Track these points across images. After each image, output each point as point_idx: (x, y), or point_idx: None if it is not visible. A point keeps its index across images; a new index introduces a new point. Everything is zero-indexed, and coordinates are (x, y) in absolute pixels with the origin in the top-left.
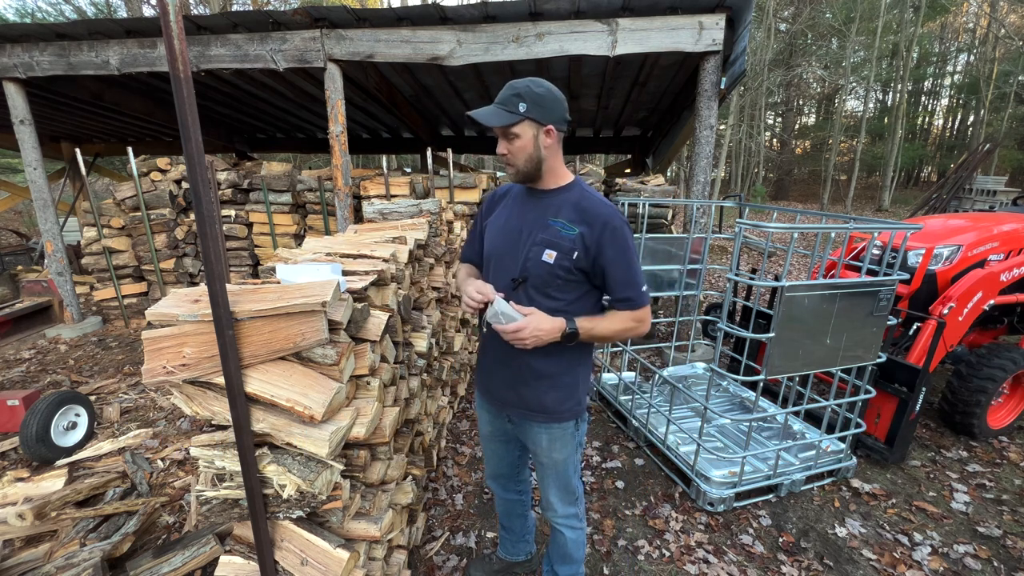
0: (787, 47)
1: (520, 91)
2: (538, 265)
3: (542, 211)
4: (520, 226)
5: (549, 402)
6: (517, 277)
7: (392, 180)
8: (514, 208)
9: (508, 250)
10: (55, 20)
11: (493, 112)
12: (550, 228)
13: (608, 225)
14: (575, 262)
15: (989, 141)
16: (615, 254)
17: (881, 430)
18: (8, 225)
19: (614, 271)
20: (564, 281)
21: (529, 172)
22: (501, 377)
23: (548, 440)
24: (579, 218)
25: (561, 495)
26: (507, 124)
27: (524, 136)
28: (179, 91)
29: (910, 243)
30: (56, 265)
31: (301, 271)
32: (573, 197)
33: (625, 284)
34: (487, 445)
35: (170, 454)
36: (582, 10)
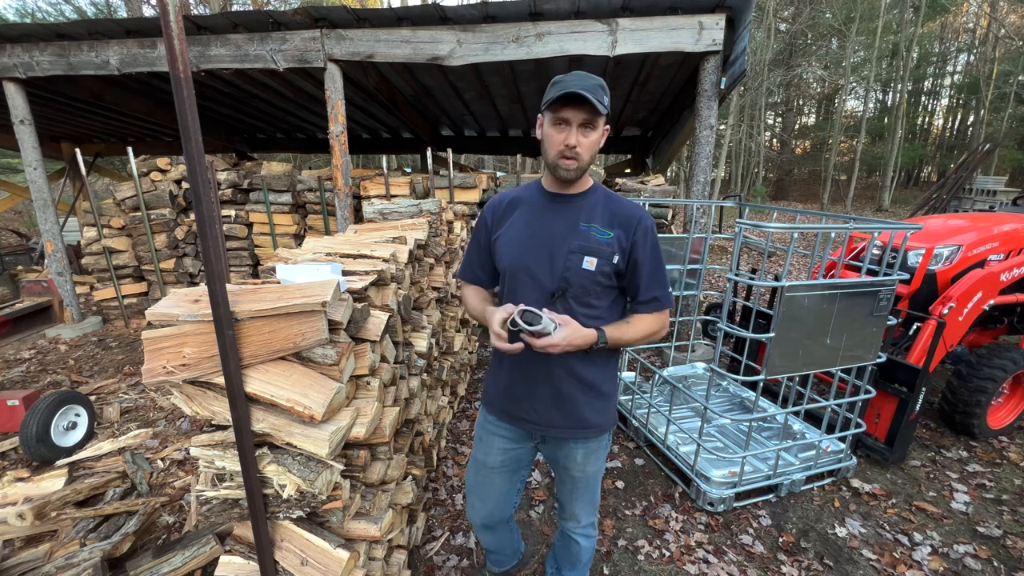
0: (787, 47)
1: (601, 84)
2: (579, 274)
3: (572, 217)
4: (550, 234)
5: (592, 415)
6: (555, 290)
7: (392, 180)
8: (534, 216)
9: (538, 261)
10: (55, 20)
11: (595, 101)
12: (584, 234)
13: (641, 225)
14: (615, 267)
15: (989, 141)
16: (647, 253)
17: (881, 430)
18: (8, 225)
19: (644, 270)
20: (603, 288)
21: (584, 170)
22: (538, 397)
23: (584, 454)
24: (612, 221)
25: (588, 508)
26: (600, 114)
27: (600, 130)
28: (179, 91)
29: (910, 243)
30: (56, 265)
31: (301, 271)
32: (600, 200)
33: (654, 284)
34: (488, 480)
35: (170, 454)
36: (582, 10)
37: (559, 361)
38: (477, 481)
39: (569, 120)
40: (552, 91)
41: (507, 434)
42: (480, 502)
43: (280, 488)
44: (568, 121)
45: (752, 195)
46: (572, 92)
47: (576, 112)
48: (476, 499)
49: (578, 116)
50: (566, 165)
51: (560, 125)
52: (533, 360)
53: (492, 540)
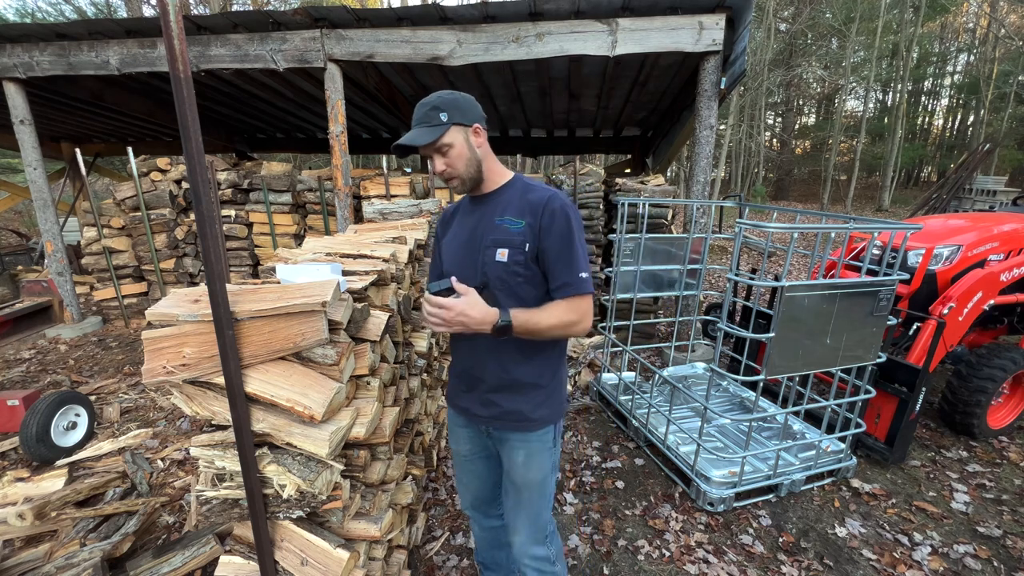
0: (787, 47)
1: (435, 103)
2: (494, 267)
3: (489, 213)
4: (471, 234)
5: (528, 409)
6: (478, 284)
7: (392, 180)
8: (463, 220)
9: (465, 261)
10: (55, 20)
11: (420, 133)
12: (498, 227)
13: (547, 207)
14: (528, 254)
15: (989, 141)
16: (555, 235)
17: (881, 430)
18: (8, 225)
19: (552, 254)
20: (524, 278)
21: (473, 176)
22: (479, 389)
23: (526, 456)
24: (523, 209)
25: (531, 528)
26: (437, 137)
27: (456, 143)
28: (179, 91)
29: (910, 243)
30: (56, 265)
31: (301, 271)
32: (516, 192)
33: (563, 267)
34: (466, 467)
35: (170, 454)
36: (582, 10)
37: (493, 355)
38: (458, 469)
39: (427, 155)
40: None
41: (465, 424)
42: (464, 488)
43: (280, 488)
44: (428, 156)
45: (752, 195)
46: (397, 147)
47: (422, 150)
48: (461, 486)
49: (430, 149)
50: (452, 186)
51: (427, 158)
52: (474, 352)
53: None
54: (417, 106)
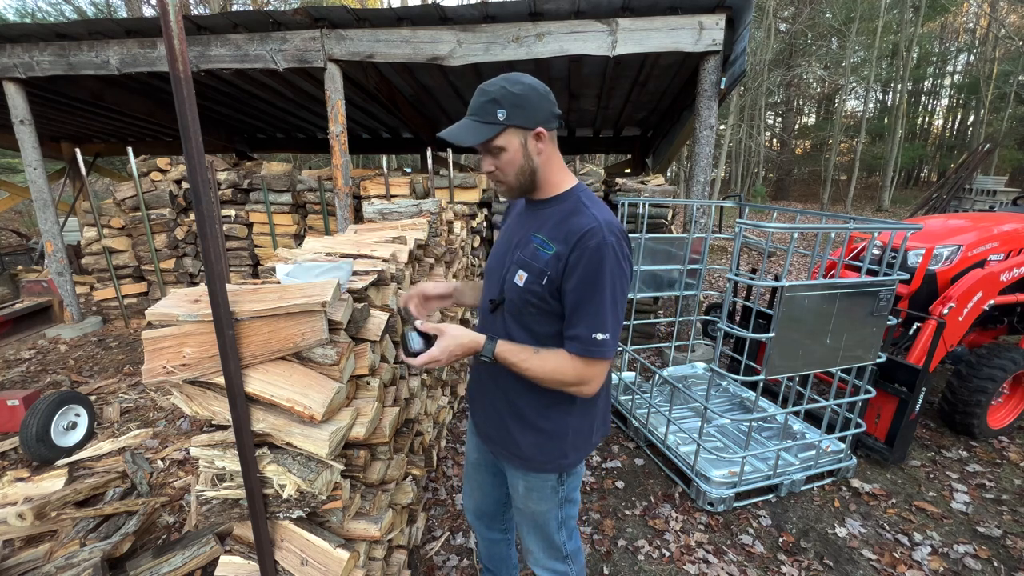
0: (787, 47)
1: (495, 95)
2: (511, 288)
3: (531, 225)
4: (508, 241)
5: (525, 446)
6: (496, 298)
7: (392, 180)
8: (511, 220)
9: (494, 267)
10: (55, 20)
11: (468, 128)
12: (530, 245)
13: (582, 242)
14: (546, 287)
15: (989, 141)
16: (579, 278)
17: (881, 430)
18: (8, 225)
19: (571, 299)
20: (539, 310)
21: (524, 186)
22: (482, 406)
23: (525, 488)
24: (560, 234)
25: (543, 547)
26: (487, 139)
27: (510, 147)
28: (179, 91)
29: (910, 243)
30: (56, 265)
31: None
32: (564, 208)
33: (579, 319)
34: (472, 476)
35: (170, 454)
36: (582, 10)
37: (491, 378)
38: (466, 472)
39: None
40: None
41: (475, 433)
42: (468, 492)
43: (280, 488)
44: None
45: (752, 195)
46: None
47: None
48: (466, 488)
49: (479, 147)
50: (498, 189)
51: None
52: (477, 369)
53: (483, 530)
54: (478, 90)
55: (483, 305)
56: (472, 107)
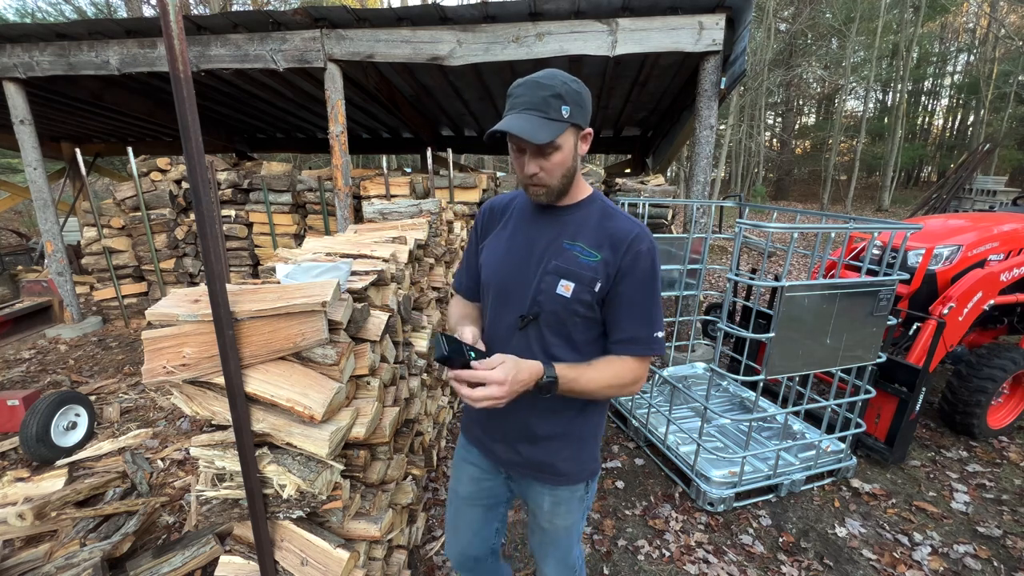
0: (787, 47)
1: (559, 90)
2: (552, 299)
3: (557, 232)
4: (529, 249)
5: (560, 462)
6: (526, 313)
7: (392, 180)
8: (520, 226)
9: (514, 280)
10: (55, 20)
11: (534, 123)
12: (566, 253)
13: (633, 246)
14: (597, 295)
15: (989, 141)
16: (635, 281)
17: (881, 430)
18: (8, 225)
19: (629, 301)
20: (584, 320)
21: (563, 189)
22: (498, 429)
23: (552, 504)
24: (602, 240)
25: (560, 568)
26: (554, 136)
27: (566, 147)
28: (179, 91)
29: (910, 243)
30: (56, 265)
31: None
32: (594, 214)
33: (636, 320)
34: (461, 513)
35: (170, 454)
36: (582, 10)
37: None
38: (450, 512)
39: (522, 148)
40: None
41: (477, 462)
42: (452, 535)
43: (280, 488)
44: (522, 149)
45: (752, 195)
46: (504, 130)
47: (523, 142)
48: (450, 532)
49: (528, 145)
50: (534, 192)
51: (517, 151)
52: None
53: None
54: (527, 83)
55: (501, 324)
56: (530, 101)
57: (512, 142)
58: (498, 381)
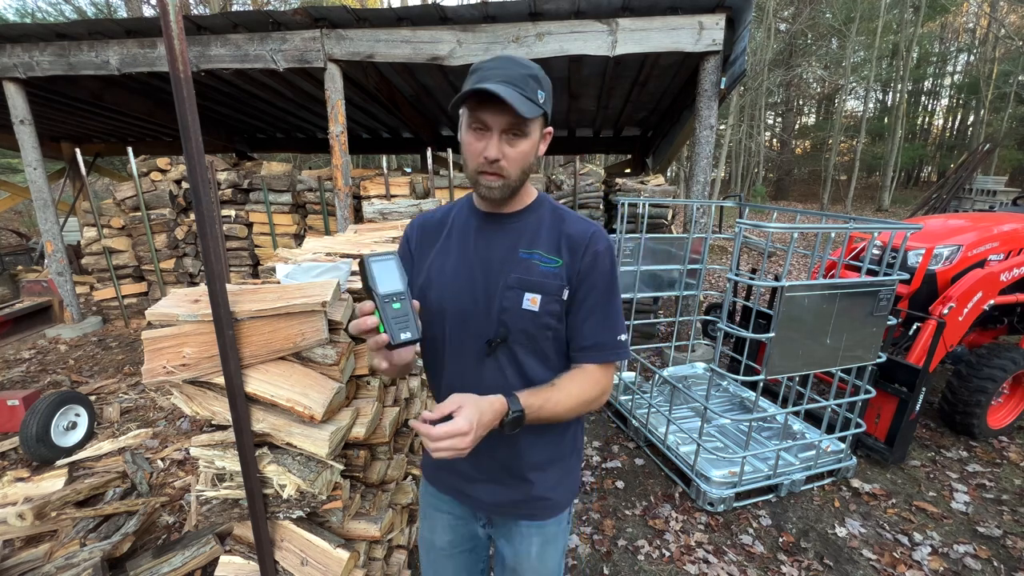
0: (787, 47)
1: (537, 74)
2: (520, 316)
3: (510, 241)
4: (483, 266)
5: (550, 491)
6: (493, 337)
7: (392, 180)
8: (465, 242)
9: (472, 302)
10: (55, 20)
11: (516, 97)
12: (525, 263)
13: (591, 246)
14: (564, 303)
15: (989, 141)
16: (594, 283)
17: (881, 430)
18: (8, 225)
19: (586, 306)
20: (554, 333)
21: (517, 188)
22: (478, 469)
23: (541, 545)
24: (559, 244)
25: None
26: (531, 116)
27: (533, 136)
28: (179, 91)
29: (910, 243)
30: (56, 265)
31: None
32: (546, 218)
33: (598, 325)
34: (444, 565)
35: (170, 454)
36: (582, 10)
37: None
38: (427, 562)
39: (488, 125)
40: (468, 81)
41: (451, 509)
42: None
43: (280, 488)
44: (487, 126)
45: (752, 195)
46: (485, 90)
47: (496, 116)
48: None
49: (499, 120)
50: (487, 182)
51: (478, 130)
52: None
53: None
54: (500, 59)
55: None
56: (508, 75)
57: (478, 115)
58: (461, 432)
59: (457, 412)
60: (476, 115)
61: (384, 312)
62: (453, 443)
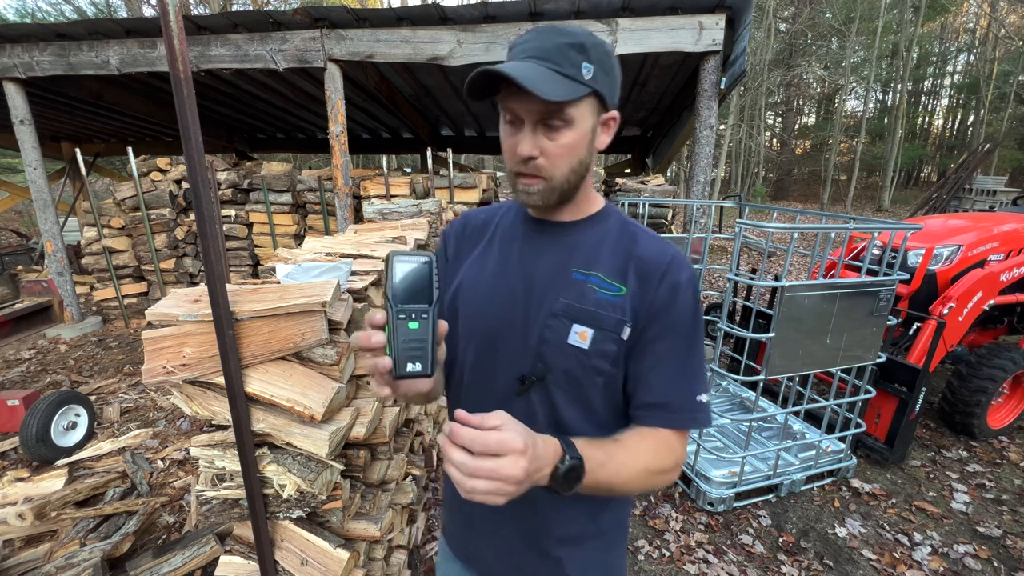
0: (787, 47)
1: (583, 40)
2: (563, 352)
3: (562, 257)
4: (526, 283)
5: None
6: (528, 373)
7: (392, 180)
8: (508, 250)
9: (506, 325)
10: (55, 20)
11: (543, 76)
12: (578, 287)
13: (669, 278)
14: (626, 344)
15: (989, 141)
16: (672, 324)
17: (881, 430)
18: (8, 225)
19: (663, 352)
20: (606, 379)
21: (568, 190)
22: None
23: None
24: (625, 268)
25: None
26: (569, 99)
27: (580, 124)
28: (179, 91)
29: (910, 243)
30: (56, 265)
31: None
32: (611, 233)
33: (676, 376)
34: None
35: (170, 454)
36: (582, 10)
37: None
38: None
39: (519, 114)
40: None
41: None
42: None
43: (280, 488)
44: (518, 116)
45: (752, 195)
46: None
47: (522, 102)
48: None
49: (528, 108)
50: (524, 186)
51: (510, 123)
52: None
53: None
54: (539, 28)
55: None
56: (541, 48)
57: (505, 103)
58: (515, 448)
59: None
60: (506, 104)
61: (395, 330)
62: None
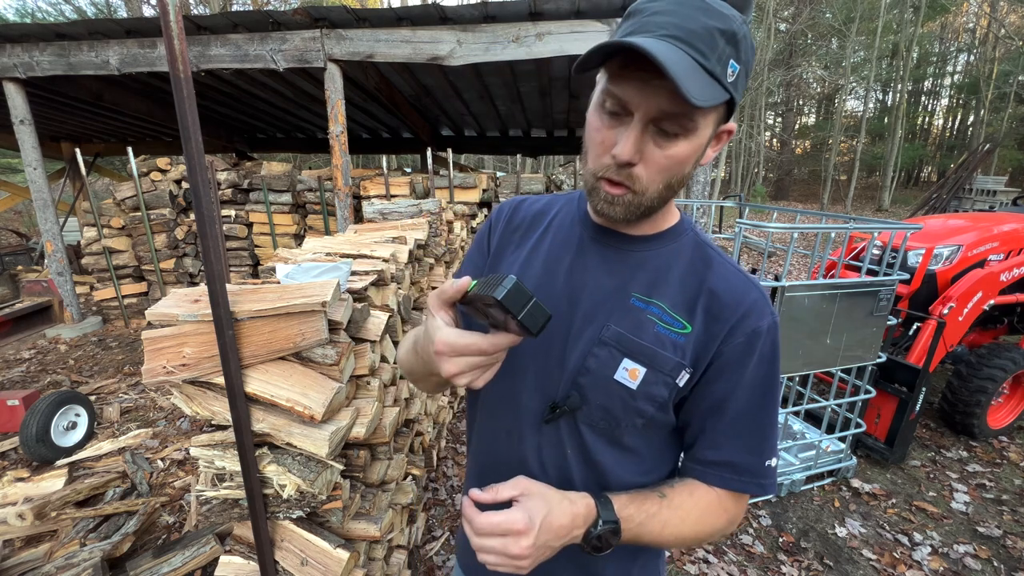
0: (787, 47)
1: (737, 32)
2: (606, 387)
3: (622, 277)
4: (570, 299)
5: None
6: (558, 401)
7: (392, 180)
8: (556, 256)
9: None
10: (55, 20)
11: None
12: (636, 315)
13: (748, 322)
14: (682, 391)
15: (989, 141)
16: (747, 378)
17: (881, 430)
18: (8, 225)
19: (733, 407)
20: (648, 424)
21: (653, 208)
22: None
23: None
24: (695, 301)
25: None
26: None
27: (700, 135)
28: (179, 91)
29: (910, 243)
30: (56, 265)
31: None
32: (684, 254)
33: (744, 436)
34: None
35: (170, 454)
36: (582, 10)
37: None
38: None
39: (630, 106)
40: (620, 29)
41: None
42: None
43: (280, 488)
44: (627, 108)
45: (752, 195)
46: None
47: (647, 93)
48: None
49: (651, 102)
50: (607, 194)
51: (613, 114)
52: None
53: None
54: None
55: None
56: (683, 27)
57: (618, 87)
58: (515, 529)
59: (518, 500)
60: (615, 87)
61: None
62: (504, 544)
